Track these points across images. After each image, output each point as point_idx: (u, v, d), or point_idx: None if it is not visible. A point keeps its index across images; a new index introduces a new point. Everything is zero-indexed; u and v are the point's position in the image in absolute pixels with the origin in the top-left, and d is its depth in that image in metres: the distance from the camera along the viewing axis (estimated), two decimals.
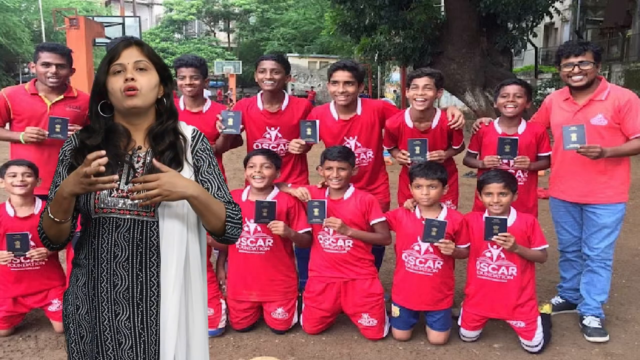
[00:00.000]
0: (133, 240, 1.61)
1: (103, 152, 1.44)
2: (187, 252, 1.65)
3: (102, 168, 1.42)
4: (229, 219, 1.64)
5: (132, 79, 1.57)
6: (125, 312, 1.63)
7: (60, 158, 1.66)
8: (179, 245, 1.63)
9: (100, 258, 1.61)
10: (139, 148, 1.66)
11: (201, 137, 1.73)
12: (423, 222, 3.04)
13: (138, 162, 1.64)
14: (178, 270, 1.63)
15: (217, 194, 1.67)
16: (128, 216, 1.59)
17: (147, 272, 1.62)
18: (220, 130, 3.37)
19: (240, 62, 29.47)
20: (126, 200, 1.59)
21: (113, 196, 1.59)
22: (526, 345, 3.07)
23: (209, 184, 1.68)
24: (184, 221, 1.63)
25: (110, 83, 1.59)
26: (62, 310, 1.73)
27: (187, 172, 1.65)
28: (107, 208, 1.58)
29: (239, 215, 1.69)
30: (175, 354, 1.64)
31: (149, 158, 1.64)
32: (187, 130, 1.72)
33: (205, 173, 1.69)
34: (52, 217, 1.54)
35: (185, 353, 1.68)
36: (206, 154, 1.71)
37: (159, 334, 1.64)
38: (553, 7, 11.05)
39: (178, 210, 1.61)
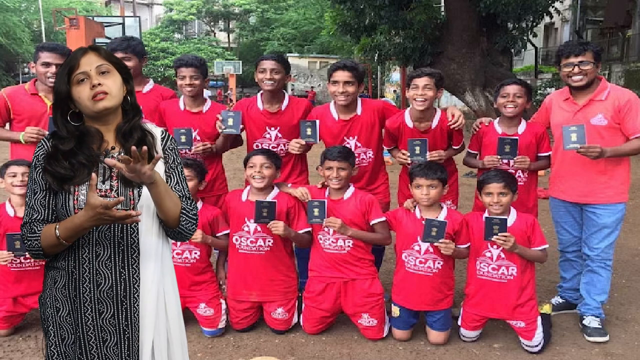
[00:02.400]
0: (114, 238, 1.63)
1: (121, 198, 1.55)
2: (163, 248, 1.72)
3: (122, 198, 1.54)
4: (184, 211, 1.70)
5: (99, 84, 1.60)
6: (109, 310, 1.65)
7: (34, 163, 1.66)
8: (157, 241, 1.70)
9: (81, 258, 1.63)
10: (112, 148, 1.69)
11: (170, 138, 1.81)
12: (423, 222, 3.04)
13: None
14: (156, 264, 1.69)
15: (175, 187, 1.74)
16: None
17: (130, 269, 1.66)
18: (220, 130, 3.37)
19: (240, 62, 29.46)
20: (104, 199, 1.60)
21: None
22: (526, 345, 3.07)
23: (170, 177, 1.75)
24: (157, 219, 1.70)
25: (75, 92, 1.60)
26: (40, 314, 1.73)
27: (160, 166, 1.72)
28: None
29: (195, 211, 1.75)
30: (153, 347, 1.69)
31: None
32: (156, 130, 1.78)
33: (170, 168, 1.76)
34: (64, 242, 1.57)
35: (167, 347, 1.73)
36: (174, 152, 1.80)
37: (140, 328, 1.68)
38: (553, 7, 11.04)
39: (152, 208, 1.67)
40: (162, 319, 1.72)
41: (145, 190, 1.64)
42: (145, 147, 1.51)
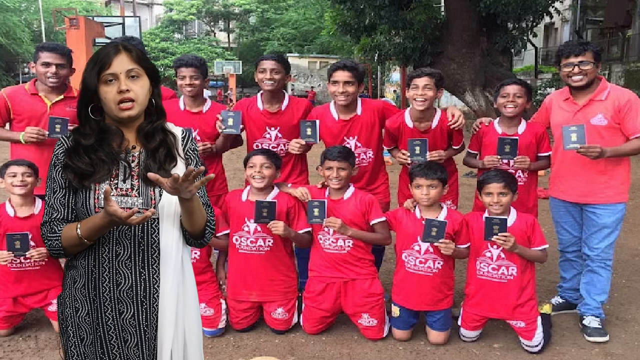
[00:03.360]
0: (134, 238, 1.62)
1: (135, 209, 1.49)
2: (183, 249, 1.70)
3: (136, 209, 1.49)
4: (208, 223, 1.71)
5: (127, 90, 1.57)
6: (129, 311, 1.63)
7: (53, 162, 1.65)
8: (177, 241, 1.67)
9: (101, 258, 1.61)
10: (133, 147, 1.68)
11: (191, 138, 1.78)
12: (423, 222, 3.04)
13: (133, 161, 1.66)
14: (176, 265, 1.67)
15: (197, 193, 1.70)
16: None
17: (150, 269, 1.64)
18: (220, 130, 3.37)
19: (240, 62, 29.46)
20: (125, 198, 1.60)
21: (112, 195, 1.59)
22: (526, 345, 3.07)
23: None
24: (179, 217, 1.67)
25: (102, 92, 1.58)
26: (58, 314, 1.72)
27: (181, 166, 1.69)
28: None
29: (214, 222, 1.75)
30: (172, 348, 1.67)
31: (142, 157, 1.67)
32: (176, 130, 1.76)
33: None
34: (85, 241, 1.57)
35: (183, 348, 1.71)
36: (195, 153, 1.77)
37: (158, 328, 1.66)
38: (553, 7, 11.05)
39: (174, 207, 1.65)
40: (180, 320, 1.70)
41: None
42: (202, 168, 1.49)
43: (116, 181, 1.61)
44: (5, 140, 3.45)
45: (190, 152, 1.75)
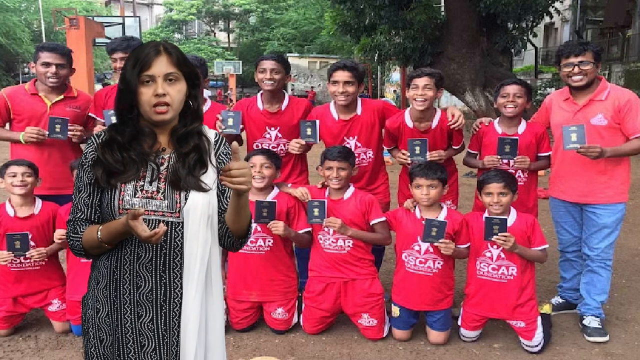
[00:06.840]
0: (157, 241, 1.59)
1: (164, 228, 1.48)
2: (210, 253, 1.64)
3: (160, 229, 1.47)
4: (250, 223, 1.68)
5: (164, 95, 1.55)
6: (148, 314, 1.61)
7: (81, 161, 1.64)
8: (203, 246, 1.62)
9: (122, 259, 1.60)
10: (164, 149, 1.65)
11: (224, 142, 1.75)
12: (423, 222, 3.04)
13: (162, 164, 1.63)
14: (201, 272, 1.62)
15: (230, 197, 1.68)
16: (153, 217, 1.58)
17: (171, 273, 1.61)
18: (220, 130, 3.37)
19: (240, 62, 29.48)
20: (150, 200, 1.58)
21: (137, 197, 1.58)
22: (526, 345, 3.07)
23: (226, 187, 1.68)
24: (207, 222, 1.62)
25: (139, 93, 1.56)
26: (82, 315, 1.71)
27: (211, 173, 1.66)
28: (131, 209, 1.53)
29: (252, 221, 1.72)
30: (195, 356, 1.63)
31: (172, 160, 1.63)
32: (210, 133, 1.73)
33: None
34: (105, 245, 1.56)
35: (204, 355, 1.67)
36: (228, 158, 1.73)
37: (180, 336, 1.63)
38: (553, 7, 11.05)
39: (204, 211, 1.60)
40: (203, 327, 1.66)
41: (192, 193, 1.59)
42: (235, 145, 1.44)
43: (142, 183, 1.59)
44: (5, 140, 3.45)
45: (223, 156, 1.71)
